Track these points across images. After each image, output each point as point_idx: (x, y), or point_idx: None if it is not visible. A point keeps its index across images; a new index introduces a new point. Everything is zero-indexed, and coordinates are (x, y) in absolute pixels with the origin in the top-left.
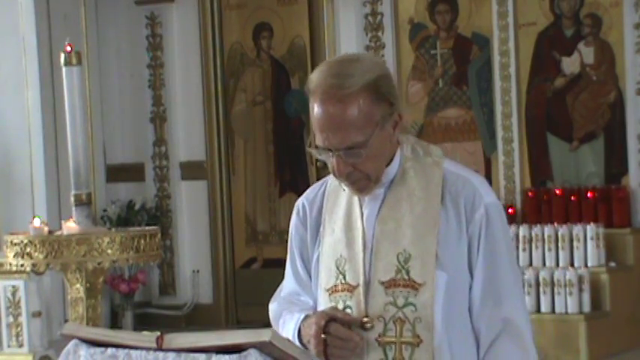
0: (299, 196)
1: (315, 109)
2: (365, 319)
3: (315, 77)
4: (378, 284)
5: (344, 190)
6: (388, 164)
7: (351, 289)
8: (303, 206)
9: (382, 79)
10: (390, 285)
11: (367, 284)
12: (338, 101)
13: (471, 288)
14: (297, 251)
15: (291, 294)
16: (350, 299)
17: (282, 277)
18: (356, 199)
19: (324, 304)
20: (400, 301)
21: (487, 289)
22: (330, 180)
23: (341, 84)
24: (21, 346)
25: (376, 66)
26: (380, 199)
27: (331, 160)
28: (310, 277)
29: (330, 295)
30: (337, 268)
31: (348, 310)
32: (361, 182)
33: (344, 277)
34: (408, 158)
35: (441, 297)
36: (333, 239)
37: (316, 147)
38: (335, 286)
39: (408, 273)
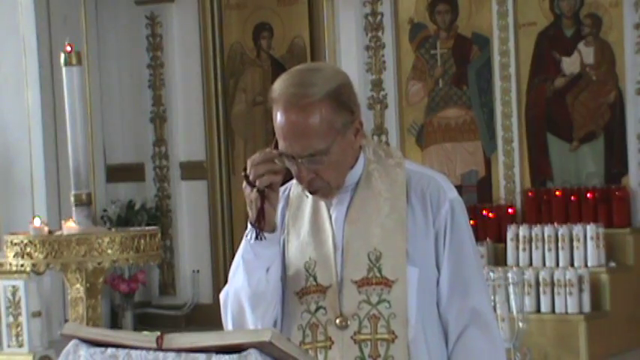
0: None
1: (278, 117)
2: (339, 319)
3: (277, 86)
4: (351, 283)
5: (307, 196)
6: (352, 167)
7: (324, 289)
8: None
9: (343, 88)
10: (362, 283)
11: (339, 284)
12: (300, 110)
13: (438, 281)
14: None
15: None
16: (323, 300)
17: None
18: (322, 203)
19: (294, 307)
20: (374, 299)
21: (454, 281)
22: (293, 187)
23: (303, 93)
24: (21, 346)
25: (337, 75)
26: (347, 201)
27: (294, 167)
28: None
29: (300, 297)
30: (306, 271)
31: (322, 311)
32: (324, 189)
33: (315, 279)
34: (371, 161)
35: (414, 292)
36: (300, 243)
37: (279, 153)
38: (305, 288)
39: (380, 271)
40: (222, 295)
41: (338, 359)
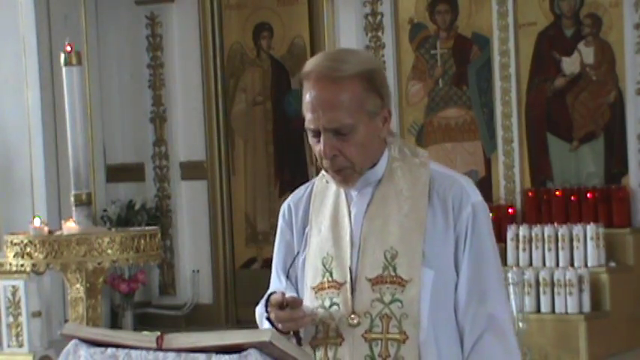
0: None
1: (309, 90)
2: (352, 316)
3: (310, 62)
4: (365, 281)
5: (327, 182)
6: (376, 164)
7: (338, 286)
8: (289, 208)
9: (376, 73)
10: (376, 282)
11: (354, 281)
12: (331, 82)
13: (456, 286)
14: (282, 257)
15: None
16: (337, 296)
17: None
18: (343, 198)
19: (310, 301)
20: (387, 298)
21: (473, 287)
22: (317, 182)
23: (336, 67)
24: (21, 346)
25: (372, 60)
26: (367, 197)
27: (319, 146)
28: (291, 282)
29: (316, 292)
30: (324, 266)
31: (335, 307)
32: (346, 171)
33: (331, 275)
34: (395, 158)
35: (428, 293)
36: (320, 238)
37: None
38: (321, 283)
39: (394, 270)
40: (257, 312)
41: (347, 357)
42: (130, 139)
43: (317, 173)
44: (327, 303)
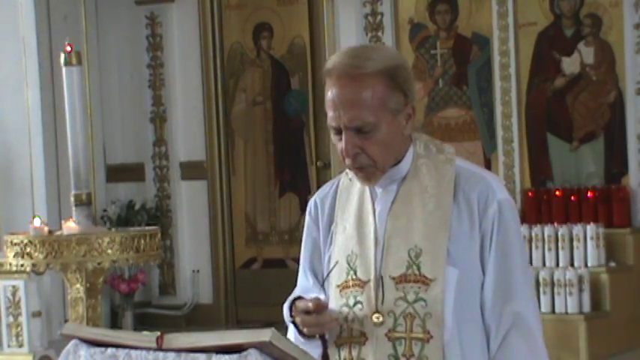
0: (299, 196)
1: (330, 88)
2: (375, 315)
3: (333, 58)
4: (389, 279)
5: (350, 179)
6: (400, 160)
7: (362, 284)
8: (315, 204)
9: (400, 69)
10: (400, 280)
11: (378, 280)
12: (353, 80)
13: (482, 284)
14: (308, 254)
15: (301, 291)
16: (361, 295)
17: (282, 277)
18: (368, 195)
19: (334, 300)
20: (411, 297)
21: (499, 286)
22: (343, 178)
23: (358, 64)
24: (21, 346)
25: (396, 56)
26: (392, 195)
27: (341, 144)
28: (317, 279)
29: (340, 291)
30: (348, 264)
31: (359, 306)
32: (368, 169)
33: (355, 273)
34: (420, 155)
35: (452, 292)
36: (345, 236)
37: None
38: (346, 281)
39: (419, 268)
40: (284, 311)
41: (371, 356)
42: (130, 139)
43: (317, 173)
44: (351, 301)
